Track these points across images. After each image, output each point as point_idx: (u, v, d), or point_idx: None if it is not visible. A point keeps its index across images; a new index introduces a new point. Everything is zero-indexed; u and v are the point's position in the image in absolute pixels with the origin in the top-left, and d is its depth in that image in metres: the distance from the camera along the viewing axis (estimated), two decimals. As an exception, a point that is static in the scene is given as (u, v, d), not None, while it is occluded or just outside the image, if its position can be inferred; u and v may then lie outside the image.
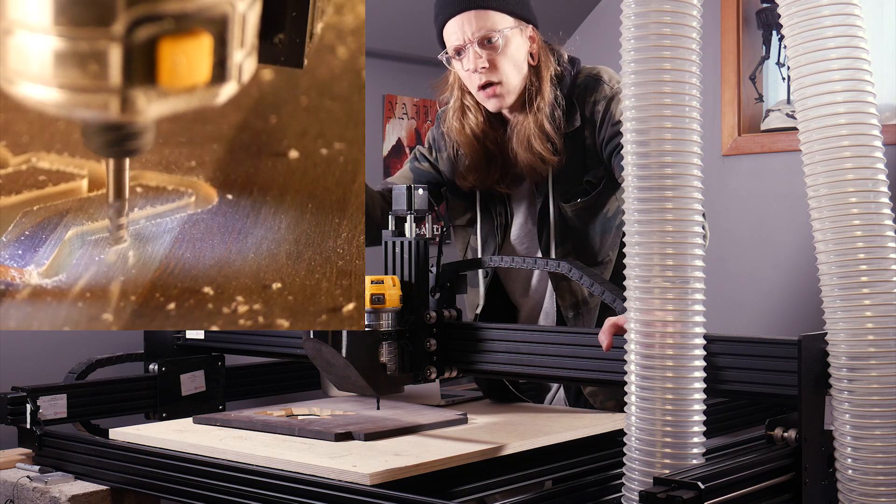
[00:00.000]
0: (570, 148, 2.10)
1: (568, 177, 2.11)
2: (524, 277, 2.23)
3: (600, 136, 2.09)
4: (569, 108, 2.11)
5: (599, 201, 2.13)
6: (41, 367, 2.49)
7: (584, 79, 2.13)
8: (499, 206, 2.19)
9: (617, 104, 2.07)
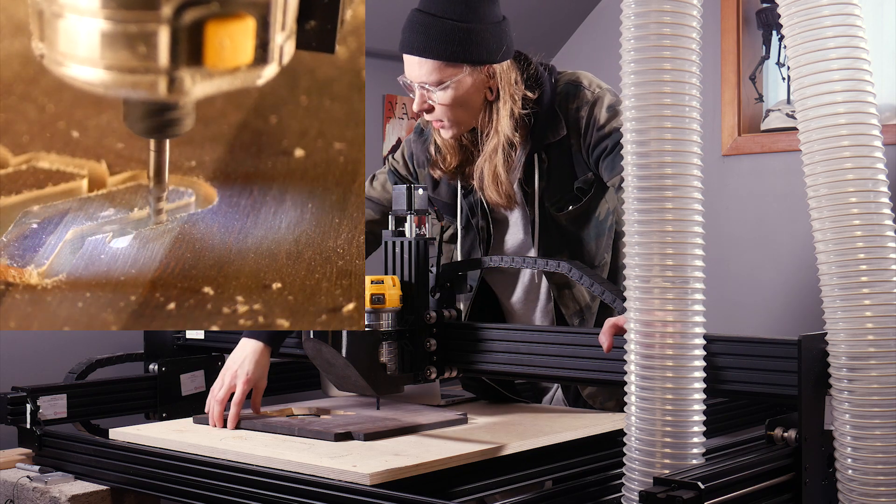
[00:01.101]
0: (557, 156, 2.09)
1: (557, 186, 2.10)
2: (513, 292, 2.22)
3: (586, 142, 2.07)
4: (552, 117, 2.08)
5: (591, 206, 2.12)
6: (41, 367, 2.49)
7: (564, 86, 2.10)
8: (481, 221, 2.19)
9: (599, 108, 2.05)
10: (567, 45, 3.87)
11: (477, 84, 2.01)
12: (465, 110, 2.03)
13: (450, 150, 2.12)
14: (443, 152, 2.14)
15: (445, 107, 2.02)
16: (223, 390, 2.02)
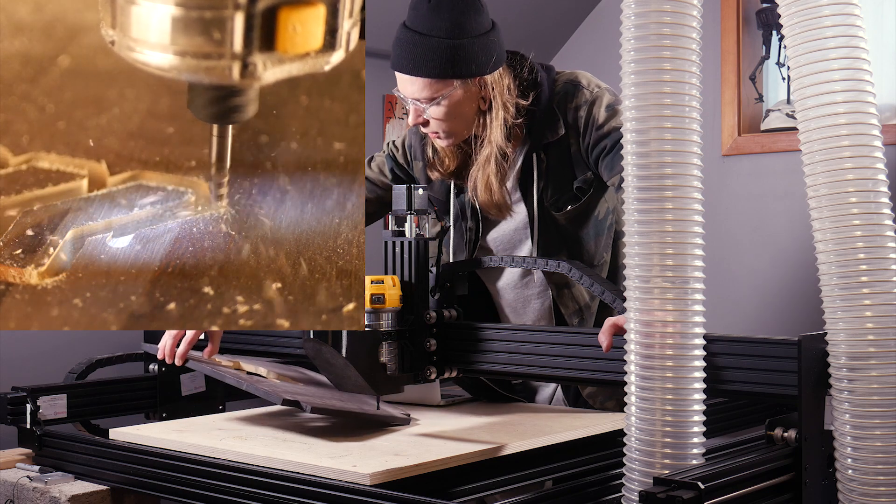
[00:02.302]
0: (556, 156, 2.09)
1: (556, 185, 2.11)
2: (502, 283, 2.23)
3: (585, 142, 2.07)
4: (550, 117, 2.08)
5: (590, 206, 2.13)
6: (41, 367, 2.49)
7: (563, 86, 2.10)
8: (470, 222, 2.19)
9: (598, 108, 2.06)
10: (567, 45, 3.87)
11: (469, 96, 2.02)
12: (458, 121, 2.05)
13: (448, 155, 2.13)
14: (441, 155, 2.15)
15: (439, 120, 2.04)
16: None
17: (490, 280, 2.24)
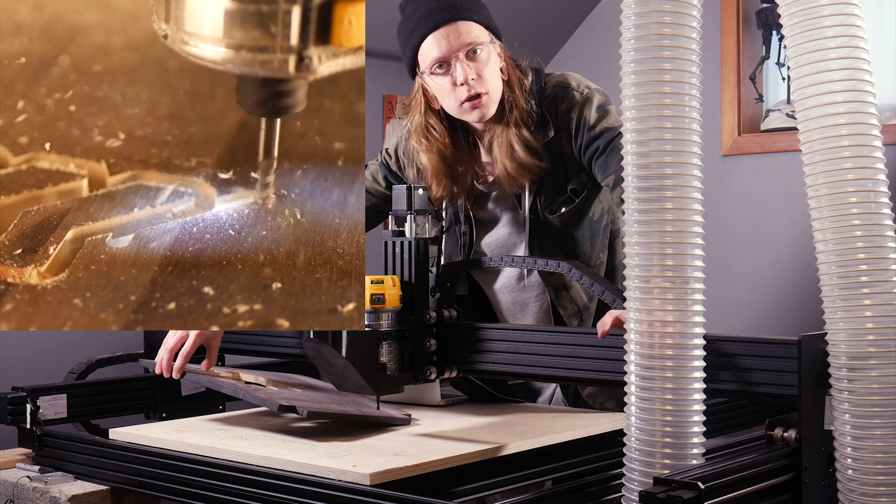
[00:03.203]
0: (549, 158, 2.09)
1: (550, 187, 2.11)
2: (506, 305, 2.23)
3: (577, 144, 2.07)
4: (541, 119, 2.09)
5: (584, 207, 2.13)
6: (41, 367, 2.49)
7: (553, 88, 2.11)
8: (464, 226, 2.18)
9: (589, 109, 2.06)
10: (567, 45, 3.87)
11: (496, 58, 2.07)
12: (496, 80, 2.06)
13: (434, 178, 2.13)
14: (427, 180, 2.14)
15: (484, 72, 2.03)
16: (174, 339, 2.07)
17: (487, 284, 2.24)
